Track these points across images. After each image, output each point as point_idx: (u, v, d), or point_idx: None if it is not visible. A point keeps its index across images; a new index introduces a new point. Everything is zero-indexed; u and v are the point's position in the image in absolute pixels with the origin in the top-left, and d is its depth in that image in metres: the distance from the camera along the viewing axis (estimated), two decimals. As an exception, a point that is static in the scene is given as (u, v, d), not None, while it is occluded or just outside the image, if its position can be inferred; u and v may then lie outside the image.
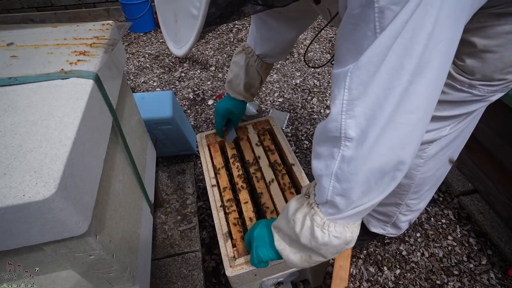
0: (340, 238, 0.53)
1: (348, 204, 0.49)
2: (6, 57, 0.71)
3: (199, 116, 1.94)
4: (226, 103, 1.06)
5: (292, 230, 0.57)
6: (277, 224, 0.63)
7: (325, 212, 0.52)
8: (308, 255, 0.59)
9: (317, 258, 0.59)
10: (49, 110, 0.56)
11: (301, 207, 0.57)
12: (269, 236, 0.67)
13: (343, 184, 0.48)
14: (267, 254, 0.67)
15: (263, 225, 0.71)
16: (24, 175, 0.45)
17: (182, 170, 1.62)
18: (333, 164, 0.48)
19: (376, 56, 0.40)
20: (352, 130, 0.44)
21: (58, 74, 0.65)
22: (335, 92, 0.45)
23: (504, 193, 1.34)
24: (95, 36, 0.79)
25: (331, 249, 0.55)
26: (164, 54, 2.54)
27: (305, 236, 0.55)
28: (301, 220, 0.55)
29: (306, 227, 0.54)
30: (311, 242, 0.55)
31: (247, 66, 0.99)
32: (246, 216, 0.92)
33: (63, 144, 0.50)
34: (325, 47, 2.56)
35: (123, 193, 0.79)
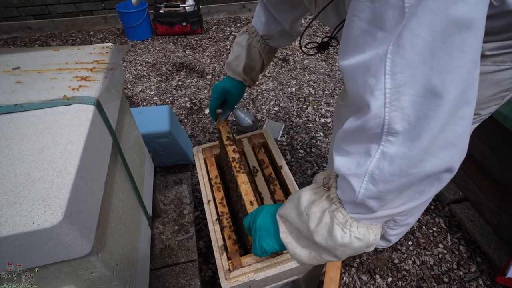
0: (363, 240, 0.46)
1: (381, 206, 0.43)
2: (11, 82, 0.74)
3: (196, 125, 1.97)
4: (224, 83, 0.99)
5: (304, 225, 0.50)
6: (284, 214, 0.55)
7: (350, 209, 0.46)
8: (318, 253, 0.52)
9: (328, 258, 0.52)
10: (54, 138, 0.60)
11: (319, 200, 0.49)
12: (274, 226, 0.59)
13: (379, 186, 0.41)
14: (271, 246, 0.60)
15: (267, 212, 0.62)
16: (33, 203, 0.48)
17: (179, 180, 1.65)
18: (369, 162, 0.40)
19: (423, 27, 0.32)
20: (398, 124, 0.36)
21: (61, 100, 0.69)
22: (371, 83, 0.37)
23: (492, 201, 1.38)
24: (95, 60, 0.83)
25: (349, 251, 0.48)
26: (161, 62, 2.58)
27: (321, 234, 0.48)
28: (318, 216, 0.48)
29: (324, 224, 0.47)
30: (327, 241, 0.47)
31: (249, 47, 0.94)
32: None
33: (68, 172, 0.54)
34: (320, 55, 2.61)
35: (122, 210, 0.83)
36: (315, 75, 2.37)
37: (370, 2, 0.34)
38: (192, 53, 2.69)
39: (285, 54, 2.62)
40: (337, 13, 0.62)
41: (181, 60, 2.59)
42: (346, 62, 0.39)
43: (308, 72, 2.41)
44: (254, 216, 0.65)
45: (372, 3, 0.34)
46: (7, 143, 0.59)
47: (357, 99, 0.40)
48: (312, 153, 1.78)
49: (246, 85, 1.01)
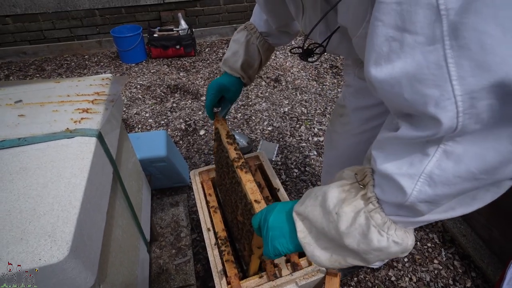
0: (401, 245, 0.42)
1: (430, 210, 0.40)
2: (14, 116, 0.77)
3: (191, 147, 2.00)
4: (221, 79, 0.95)
5: (332, 226, 0.45)
6: (303, 211, 0.50)
7: (390, 211, 0.42)
8: (342, 256, 0.48)
9: (354, 262, 0.47)
10: (58, 172, 0.62)
11: (351, 198, 0.45)
12: (289, 225, 0.54)
13: (438, 188, 0.36)
14: (285, 246, 0.55)
15: (280, 210, 0.57)
16: (39, 239, 0.50)
17: (175, 202, 1.66)
18: (426, 162, 0.36)
19: (488, 23, 0.28)
20: (471, 127, 0.33)
21: (64, 133, 0.71)
22: (433, 94, 0.33)
23: (482, 216, 1.42)
24: (96, 92, 0.86)
25: (383, 255, 0.44)
26: (156, 84, 2.62)
27: (353, 236, 0.43)
28: (351, 216, 0.43)
29: (358, 225, 0.43)
30: (359, 245, 0.43)
31: (248, 43, 0.92)
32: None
33: (73, 206, 0.55)
34: (311, 74, 2.70)
35: (122, 237, 0.84)
36: (306, 95, 2.44)
37: (397, 4, 0.32)
38: (186, 75, 2.75)
39: (277, 74, 2.70)
40: (326, 23, 0.61)
41: (175, 82, 2.65)
42: (376, 74, 0.36)
43: (300, 92, 2.48)
44: (265, 214, 0.59)
45: (399, 5, 0.32)
46: (11, 178, 0.61)
47: (407, 111, 0.36)
48: (307, 172, 1.81)
49: (244, 82, 0.97)
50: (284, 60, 2.92)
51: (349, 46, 0.61)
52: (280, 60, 2.92)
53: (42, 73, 2.83)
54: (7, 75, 2.80)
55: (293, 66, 2.82)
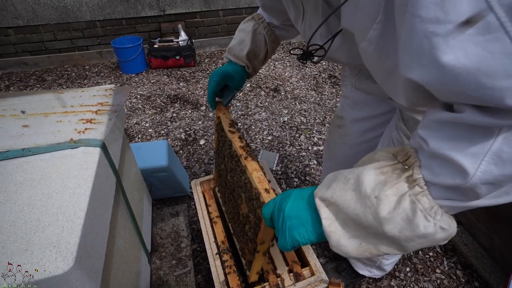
0: (447, 231, 0.39)
1: (488, 193, 0.37)
2: (18, 126, 0.77)
3: (191, 156, 2.00)
4: (225, 67, 0.91)
5: (369, 211, 0.41)
6: (330, 197, 0.46)
7: (439, 194, 0.39)
8: (374, 245, 0.44)
9: (389, 250, 0.43)
10: (62, 182, 0.62)
11: (393, 181, 0.41)
12: (310, 212, 0.50)
13: (507, 167, 0.34)
14: (306, 237, 0.49)
15: (298, 196, 0.52)
16: (44, 250, 0.50)
17: (176, 212, 1.65)
18: (492, 140, 0.34)
19: None
20: None
21: (68, 143, 0.71)
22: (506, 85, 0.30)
23: (483, 224, 1.42)
24: (99, 102, 0.87)
25: (426, 243, 0.40)
26: (156, 94, 2.64)
27: (395, 222, 0.39)
28: (394, 200, 0.40)
29: (402, 210, 0.39)
30: (401, 231, 0.40)
31: (255, 33, 0.89)
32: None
33: (77, 216, 0.55)
34: (310, 84, 2.73)
35: (124, 248, 0.83)
36: (305, 104, 2.46)
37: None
38: (185, 85, 2.77)
39: (276, 84, 2.73)
40: (327, 27, 0.61)
41: (175, 92, 2.67)
42: (422, 75, 0.34)
43: (299, 101, 2.50)
44: (280, 202, 0.53)
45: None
46: (16, 188, 0.61)
47: (477, 103, 0.34)
48: (307, 181, 1.81)
49: (248, 72, 0.94)
50: (283, 70, 2.95)
51: (350, 50, 0.60)
52: (279, 70, 2.95)
53: (43, 84, 2.84)
54: (7, 86, 2.82)
55: (292, 76, 2.85)
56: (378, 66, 0.49)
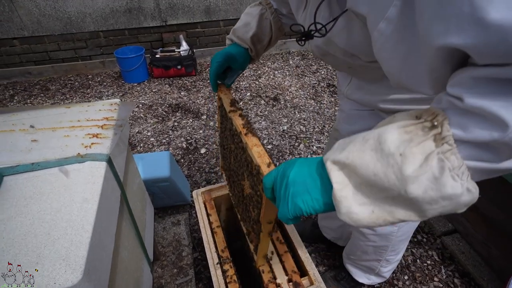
0: (473, 194, 0.37)
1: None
2: (27, 141, 0.80)
3: (192, 165, 2.03)
4: (228, 49, 0.90)
5: (393, 170, 0.38)
6: (344, 159, 0.43)
7: (468, 153, 0.37)
8: (389, 212, 0.41)
9: (405, 216, 0.41)
10: (70, 196, 0.65)
11: (419, 139, 0.38)
12: (316, 179, 0.47)
13: None
14: (311, 205, 0.47)
15: (302, 163, 0.49)
16: (54, 263, 0.52)
17: (177, 221, 1.67)
18: None
19: None
20: None
21: (75, 158, 0.75)
22: None
23: (480, 233, 1.44)
24: (105, 117, 0.90)
25: (449, 206, 0.38)
26: (157, 103, 2.69)
27: (421, 181, 0.37)
28: (421, 158, 0.37)
29: (429, 168, 0.37)
30: (426, 192, 0.37)
31: (261, 17, 0.89)
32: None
33: (85, 230, 0.58)
34: (309, 93, 2.77)
35: (128, 258, 0.86)
36: (305, 113, 2.50)
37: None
38: (187, 94, 2.81)
39: (276, 93, 2.77)
40: (329, 9, 0.60)
41: (177, 101, 2.71)
42: (460, 39, 0.34)
43: (298, 110, 2.54)
44: (283, 169, 0.51)
45: None
46: (26, 202, 0.64)
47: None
48: (306, 189, 1.84)
49: (251, 55, 0.92)
50: (282, 79, 3.00)
51: (348, 36, 0.58)
52: (279, 79, 3.00)
53: (47, 93, 2.89)
54: (12, 95, 2.86)
55: (292, 85, 2.89)
56: (395, 52, 0.45)
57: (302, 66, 3.24)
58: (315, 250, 1.53)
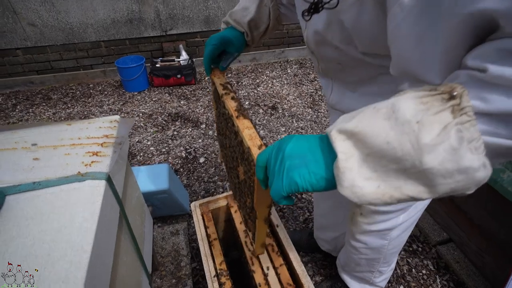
0: (488, 171, 0.36)
1: None
2: (29, 159, 0.83)
3: (191, 174, 2.06)
4: (224, 32, 0.88)
5: (408, 138, 0.36)
6: (352, 128, 0.40)
7: (486, 127, 0.36)
8: (396, 187, 0.38)
9: (414, 192, 0.38)
10: (70, 216, 0.67)
11: (436, 108, 0.36)
12: (318, 152, 0.44)
13: None
14: (308, 179, 0.43)
15: (300, 138, 0.46)
16: (54, 285, 0.55)
17: (176, 230, 1.70)
18: None
19: None
20: None
21: (76, 177, 0.77)
22: None
23: (474, 243, 1.46)
24: (105, 134, 0.93)
25: (463, 182, 0.36)
26: (157, 112, 2.72)
27: (438, 152, 0.35)
28: (440, 128, 0.35)
29: (447, 138, 0.34)
30: (443, 163, 0.35)
31: (261, 3, 0.87)
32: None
33: (84, 250, 0.61)
34: (307, 102, 2.80)
35: (127, 274, 0.88)
36: (302, 122, 2.53)
37: None
38: (186, 103, 2.85)
39: (274, 102, 2.81)
40: None
41: (176, 110, 2.74)
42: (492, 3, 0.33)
43: (296, 119, 2.57)
44: (279, 145, 0.47)
45: None
46: (27, 223, 0.66)
47: None
48: (303, 199, 1.86)
49: (247, 40, 0.90)
50: (280, 88, 3.03)
51: (359, 13, 0.55)
52: (277, 88, 3.04)
53: (48, 102, 2.93)
54: (14, 104, 2.91)
55: (289, 94, 2.93)
56: (412, 29, 0.43)
57: (300, 75, 3.28)
58: (311, 259, 1.54)
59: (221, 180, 1.99)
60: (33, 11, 2.81)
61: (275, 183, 0.46)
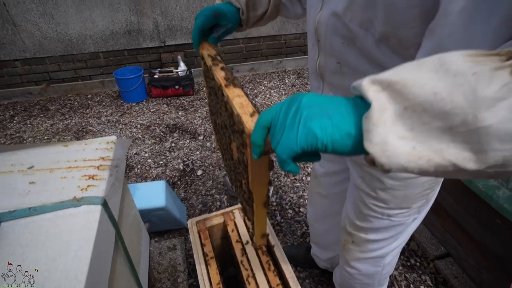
0: None
1: None
2: (25, 183, 0.83)
3: (189, 187, 2.05)
4: (219, 5, 0.80)
5: (462, 90, 0.30)
6: (391, 75, 0.34)
7: None
8: (437, 150, 0.31)
9: (458, 158, 0.31)
10: (65, 244, 0.67)
11: (493, 64, 0.30)
12: (342, 105, 0.36)
13: None
14: (330, 133, 0.35)
15: (317, 94, 0.38)
16: (48, 317, 0.55)
17: (173, 245, 1.69)
18: None
19: None
20: None
21: (71, 202, 0.77)
22: None
23: (472, 257, 1.46)
24: (101, 156, 0.93)
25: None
26: (155, 124, 2.73)
27: (500, 108, 0.28)
28: (500, 83, 0.29)
29: (509, 95, 0.28)
30: (504, 123, 0.28)
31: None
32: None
33: (79, 280, 0.61)
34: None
35: (121, 296, 0.87)
36: (300, 133, 2.54)
37: None
38: (184, 114, 2.86)
39: (272, 113, 2.82)
40: None
41: (174, 121, 2.75)
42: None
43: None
44: (291, 100, 0.39)
45: None
46: (22, 251, 0.66)
47: None
48: (301, 212, 1.86)
49: (242, 18, 0.82)
50: (278, 99, 3.05)
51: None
52: (275, 99, 3.05)
53: (46, 113, 2.94)
54: (12, 116, 2.91)
55: (288, 104, 2.95)
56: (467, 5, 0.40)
57: (297, 85, 3.30)
58: (309, 275, 1.54)
59: (218, 193, 1.99)
60: (33, 23, 2.84)
61: (285, 136, 0.37)
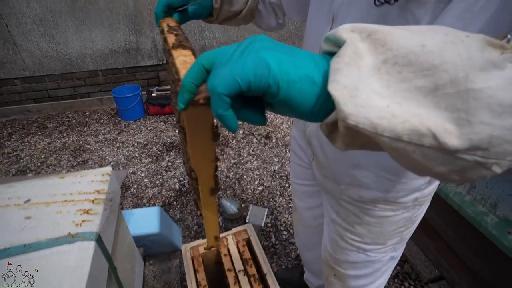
0: None
1: None
2: (21, 218, 0.85)
3: (185, 208, 2.07)
4: None
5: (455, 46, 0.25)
6: (372, 26, 0.29)
7: None
8: (416, 114, 0.26)
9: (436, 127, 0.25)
10: (58, 283, 0.69)
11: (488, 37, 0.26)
12: (307, 55, 0.31)
13: None
14: (285, 65, 0.28)
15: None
16: None
17: (168, 269, 1.69)
18: None
19: None
20: None
21: (66, 238, 0.79)
22: None
23: (465, 281, 1.47)
24: (96, 189, 0.96)
25: (510, 134, 0.25)
26: (152, 142, 2.75)
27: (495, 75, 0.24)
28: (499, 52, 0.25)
29: (505, 66, 0.25)
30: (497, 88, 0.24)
31: None
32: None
33: (71, 322, 0.62)
34: (300, 131, 2.85)
35: (113, 330, 0.88)
36: (296, 152, 2.57)
37: None
38: (181, 132, 2.89)
39: (268, 131, 2.86)
40: None
41: (171, 140, 2.78)
42: None
43: (289, 149, 2.61)
44: (246, 41, 0.31)
45: None
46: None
47: None
48: (296, 234, 1.87)
49: (214, 7, 0.72)
50: (274, 116, 3.10)
51: None
52: (271, 116, 3.10)
53: (44, 131, 2.96)
54: (10, 133, 2.93)
55: (283, 122, 2.99)
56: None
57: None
58: (303, 299, 1.54)
59: (214, 214, 2.00)
60: (33, 43, 2.89)
61: (227, 67, 0.29)
